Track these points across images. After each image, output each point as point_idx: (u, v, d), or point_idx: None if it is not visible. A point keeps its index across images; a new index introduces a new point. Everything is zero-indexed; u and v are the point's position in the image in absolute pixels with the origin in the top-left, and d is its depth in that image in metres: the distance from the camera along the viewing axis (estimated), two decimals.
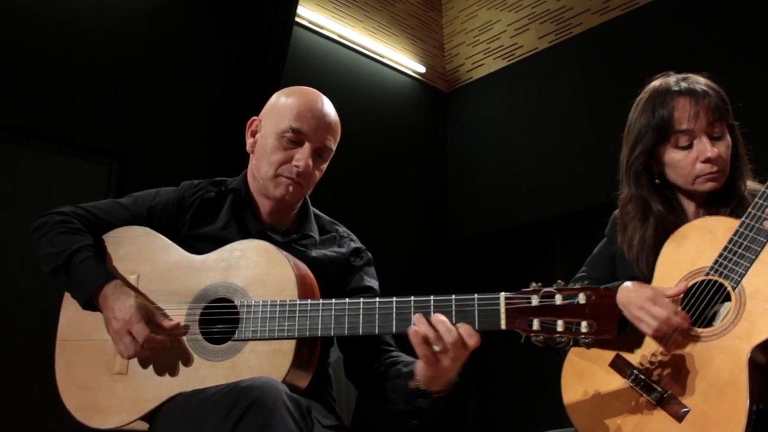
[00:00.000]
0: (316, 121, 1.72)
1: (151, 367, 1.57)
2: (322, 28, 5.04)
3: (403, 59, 5.58)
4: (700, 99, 1.65)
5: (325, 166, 1.81)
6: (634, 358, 1.61)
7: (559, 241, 5.14)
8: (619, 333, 1.60)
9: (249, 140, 1.81)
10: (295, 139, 1.71)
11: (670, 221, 1.72)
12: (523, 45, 5.45)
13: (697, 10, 4.40)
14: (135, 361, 1.58)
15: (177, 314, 1.59)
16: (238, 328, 1.52)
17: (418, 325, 1.38)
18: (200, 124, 4.24)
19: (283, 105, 1.75)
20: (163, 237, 1.70)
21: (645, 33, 4.65)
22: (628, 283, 1.64)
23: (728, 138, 1.69)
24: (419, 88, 5.75)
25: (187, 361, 1.54)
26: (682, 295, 1.58)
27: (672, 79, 1.73)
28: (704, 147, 1.64)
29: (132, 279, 1.65)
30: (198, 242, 1.72)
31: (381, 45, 5.43)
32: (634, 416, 1.56)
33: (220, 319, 1.56)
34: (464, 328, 1.37)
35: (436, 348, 1.37)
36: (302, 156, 1.70)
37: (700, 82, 1.70)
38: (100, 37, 3.90)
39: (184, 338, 1.56)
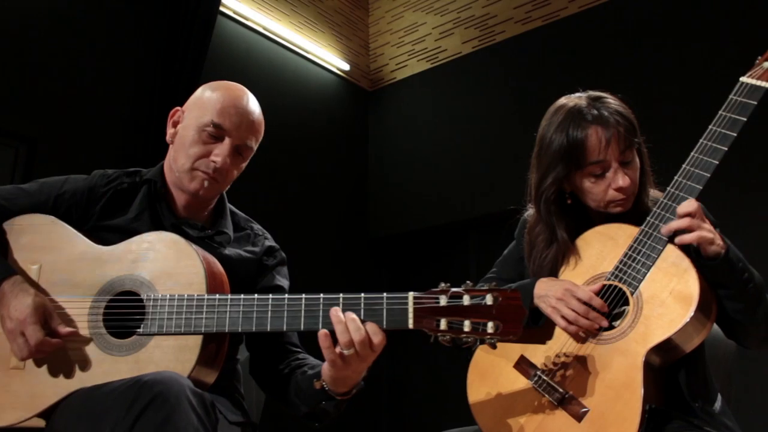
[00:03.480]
0: (239, 118, 1.69)
1: (50, 362, 1.51)
2: (247, 19, 4.96)
3: (328, 56, 5.56)
4: (611, 128, 1.64)
5: (244, 165, 1.78)
6: (537, 359, 1.66)
7: (475, 242, 5.24)
8: (532, 328, 1.66)
9: (170, 130, 1.76)
10: (215, 134, 1.68)
11: (570, 250, 1.76)
12: (447, 49, 5.52)
13: (614, 24, 4.56)
14: None
15: (80, 307, 1.53)
16: (144, 323, 1.48)
17: (331, 320, 1.38)
18: (116, 110, 4.10)
19: (208, 98, 1.71)
20: (69, 226, 1.63)
21: (564, 44, 4.80)
22: (547, 278, 1.69)
23: (637, 161, 1.71)
24: (342, 85, 5.75)
25: (89, 356, 1.49)
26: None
27: (584, 103, 1.71)
28: (616, 177, 1.66)
29: (33, 270, 1.58)
30: (107, 233, 1.66)
31: (306, 40, 5.39)
32: (536, 416, 1.60)
33: (126, 312, 1.51)
34: (370, 326, 1.38)
35: (345, 350, 1.38)
36: (221, 152, 1.67)
37: (610, 107, 1.69)
38: (9, 12, 3.72)
39: (87, 332, 1.51)
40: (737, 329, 1.63)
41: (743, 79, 1.62)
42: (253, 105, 1.75)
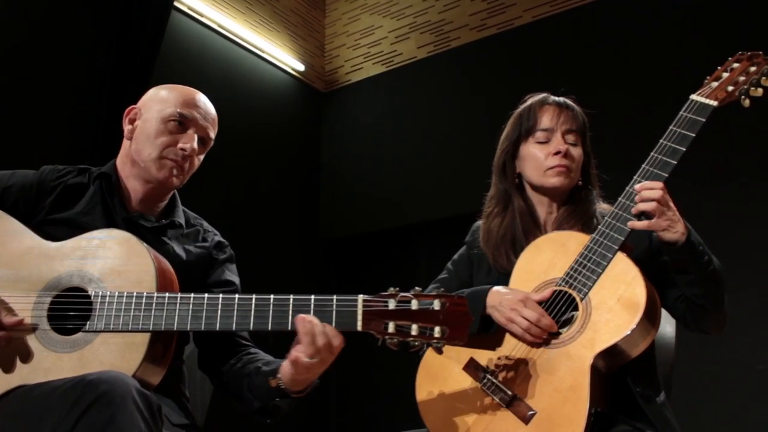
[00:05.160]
0: (201, 110, 1.78)
1: None
2: (201, 15, 4.89)
3: (283, 56, 5.51)
4: (563, 109, 1.86)
5: (202, 157, 1.84)
6: (487, 361, 1.68)
7: (425, 246, 5.26)
8: (482, 334, 1.69)
9: (127, 127, 1.80)
10: (181, 124, 1.74)
11: (527, 214, 1.88)
12: (402, 53, 5.54)
13: (567, 35, 4.65)
14: None
15: (24, 302, 1.49)
16: (90, 319, 1.45)
17: (299, 327, 1.41)
18: (63, 105, 3.97)
19: (167, 94, 1.78)
20: (16, 220, 1.60)
21: (517, 53, 4.86)
22: (498, 287, 1.73)
23: (581, 150, 1.87)
24: (297, 86, 5.71)
25: (31, 353, 1.45)
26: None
27: (543, 95, 1.92)
28: (558, 141, 1.83)
29: None
30: (56, 228, 1.64)
31: (261, 39, 5.34)
32: (484, 418, 1.62)
33: (72, 309, 1.48)
34: (329, 330, 1.41)
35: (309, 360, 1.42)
36: (188, 139, 1.74)
37: (567, 101, 1.91)
38: None
39: (30, 328, 1.47)
40: (698, 315, 1.68)
41: (693, 96, 1.68)
42: (209, 102, 1.84)
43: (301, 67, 5.66)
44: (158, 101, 1.78)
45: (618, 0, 4.45)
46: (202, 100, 1.81)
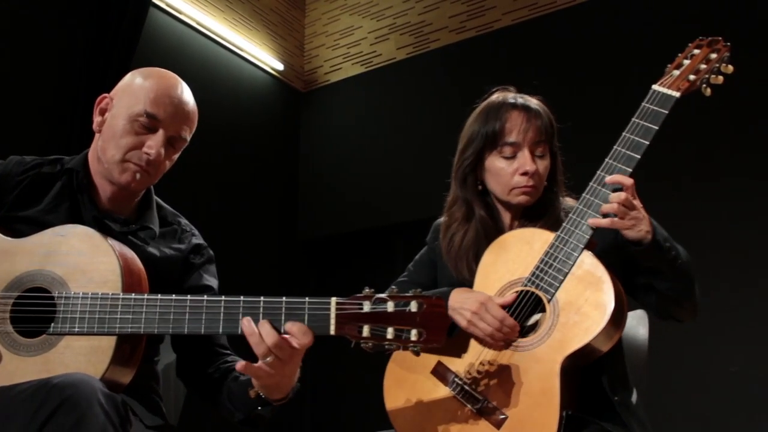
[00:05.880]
0: (174, 108, 1.63)
1: None
2: (180, 12, 4.84)
3: (262, 55, 5.48)
4: (531, 116, 1.75)
5: (176, 157, 1.72)
6: (455, 365, 1.65)
7: (403, 246, 5.25)
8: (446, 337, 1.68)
9: (96, 118, 1.67)
10: (148, 124, 1.60)
11: (491, 227, 1.81)
12: (381, 54, 5.53)
13: (545, 38, 4.66)
14: None
15: None
16: (54, 322, 1.41)
17: (243, 331, 1.36)
18: (38, 100, 3.92)
19: (140, 86, 1.63)
20: None
21: (496, 55, 4.87)
22: (461, 288, 1.70)
23: (548, 160, 1.79)
24: (276, 85, 5.68)
25: None
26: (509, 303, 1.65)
27: (509, 94, 1.83)
28: (525, 160, 1.73)
29: None
30: (19, 225, 1.57)
31: (240, 38, 5.31)
32: (454, 423, 1.60)
33: (35, 310, 1.44)
34: (299, 327, 1.35)
35: (263, 360, 1.36)
36: (154, 144, 1.59)
37: (533, 102, 1.80)
38: None
39: None
40: (670, 306, 1.68)
41: (655, 87, 1.64)
42: (188, 95, 1.69)
43: (280, 67, 5.63)
44: (129, 93, 1.63)
45: (596, 4, 4.48)
46: (178, 94, 1.65)
